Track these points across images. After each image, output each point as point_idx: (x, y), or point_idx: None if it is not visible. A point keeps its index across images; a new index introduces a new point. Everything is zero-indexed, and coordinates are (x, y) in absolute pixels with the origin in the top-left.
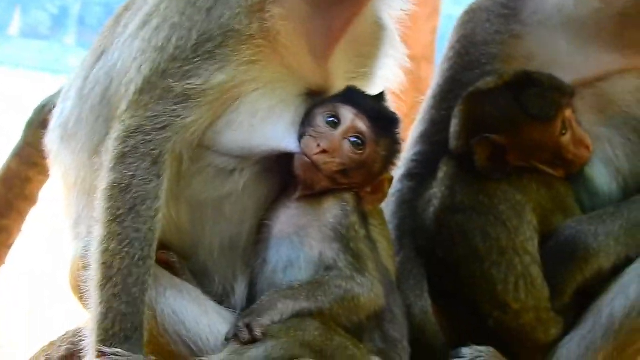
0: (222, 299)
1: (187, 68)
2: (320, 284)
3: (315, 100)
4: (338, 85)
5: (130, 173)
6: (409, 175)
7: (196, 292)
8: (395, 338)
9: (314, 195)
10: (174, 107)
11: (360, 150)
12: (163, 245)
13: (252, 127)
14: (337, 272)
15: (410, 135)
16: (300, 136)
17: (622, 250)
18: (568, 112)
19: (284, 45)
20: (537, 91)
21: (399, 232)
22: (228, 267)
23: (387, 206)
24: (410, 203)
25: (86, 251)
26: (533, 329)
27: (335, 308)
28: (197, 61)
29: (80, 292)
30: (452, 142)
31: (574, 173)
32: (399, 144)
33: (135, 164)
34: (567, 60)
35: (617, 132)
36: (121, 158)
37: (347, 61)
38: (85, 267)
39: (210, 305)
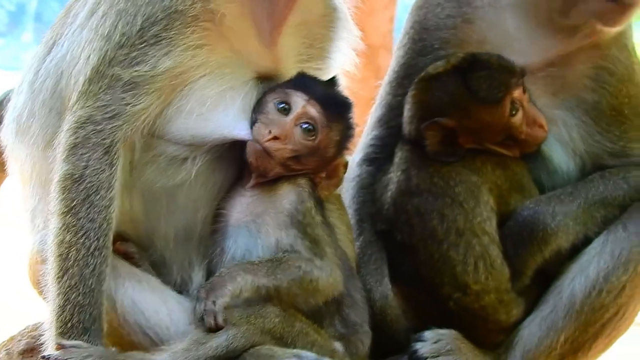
0: (181, 288)
1: (133, 54)
2: (280, 262)
3: (266, 85)
4: (289, 69)
5: (83, 164)
6: (368, 159)
7: (155, 282)
8: (356, 322)
9: (268, 182)
10: (123, 95)
11: (312, 136)
12: (121, 236)
13: (202, 115)
14: (295, 254)
15: (368, 120)
16: (252, 123)
17: (581, 230)
18: (517, 92)
19: (230, 28)
20: (485, 73)
21: (359, 217)
22: (184, 257)
23: (347, 191)
24: (368, 187)
25: (43, 244)
26: (495, 310)
27: (294, 289)
28: (143, 47)
29: (39, 286)
30: (405, 128)
31: (532, 152)
32: (352, 128)
33: (87, 155)
34: (518, 43)
35: (571, 115)
36: (73, 149)
37: (298, 44)
38: (43, 260)
39: (170, 294)
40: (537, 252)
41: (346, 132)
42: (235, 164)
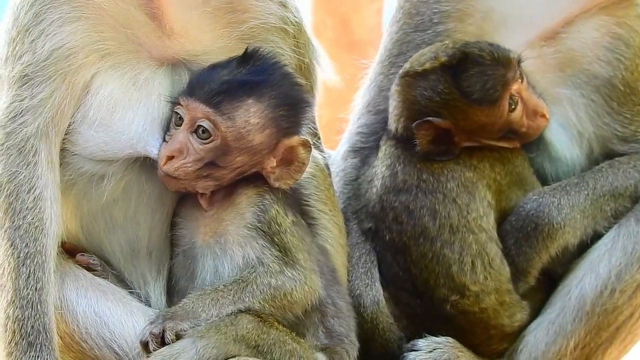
0: (146, 301)
1: (17, 48)
2: (246, 282)
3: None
4: (208, 53)
5: (0, 171)
6: (353, 150)
7: (120, 293)
8: (341, 332)
9: (226, 194)
10: (19, 92)
11: (210, 138)
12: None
13: (108, 125)
14: (263, 269)
15: (354, 107)
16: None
17: (590, 224)
18: (515, 86)
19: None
20: (477, 71)
21: (345, 216)
22: (137, 272)
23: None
24: (353, 182)
25: None
26: (496, 313)
27: (267, 306)
28: (22, 37)
29: None
30: (391, 124)
31: (533, 139)
32: (285, 100)
33: (3, 160)
34: (527, 11)
35: (578, 92)
36: None
37: (209, 18)
38: None
39: (136, 305)
40: (543, 248)
41: (274, 112)
42: None
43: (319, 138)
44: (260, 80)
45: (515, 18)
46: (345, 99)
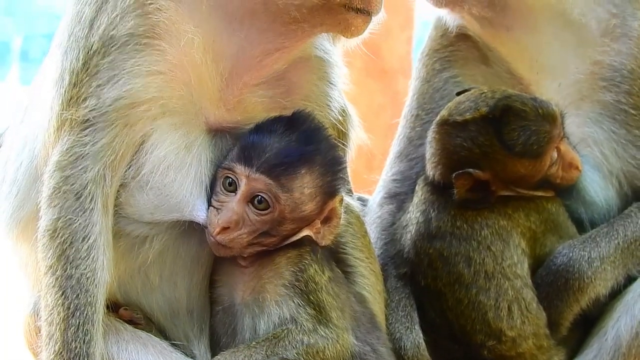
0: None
1: (82, 91)
2: (279, 338)
3: (219, 143)
4: (253, 120)
5: (55, 216)
6: (389, 197)
7: (162, 345)
8: None
9: (266, 252)
10: (81, 136)
11: (268, 209)
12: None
13: (159, 189)
14: (296, 327)
15: (389, 154)
16: (209, 204)
17: (621, 273)
18: (559, 144)
19: (192, 58)
20: (521, 125)
21: (382, 261)
22: (179, 331)
23: (370, 233)
24: (390, 228)
25: (37, 308)
26: (533, 357)
27: None
28: (89, 80)
29: (35, 354)
30: (429, 171)
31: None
32: (330, 168)
33: (60, 204)
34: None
35: (599, 128)
36: (47, 200)
37: (269, 92)
38: (37, 327)
39: (177, 357)
40: (574, 302)
41: (323, 179)
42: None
43: (350, 184)
44: (311, 151)
45: (517, 61)
46: (374, 128)
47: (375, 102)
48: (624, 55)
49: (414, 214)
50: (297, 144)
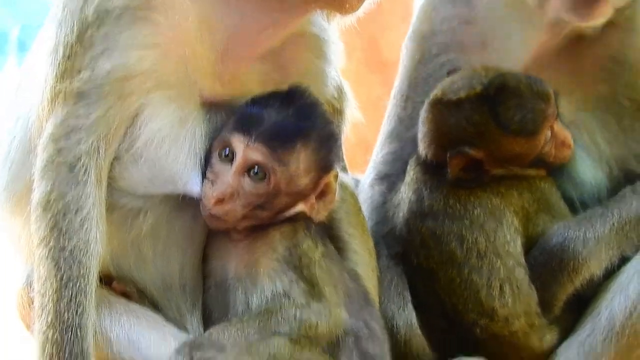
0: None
1: (76, 63)
2: (272, 313)
3: (213, 118)
4: (248, 95)
5: (49, 188)
6: (380, 178)
7: (154, 318)
8: (375, 355)
9: (260, 228)
10: (75, 108)
11: (264, 182)
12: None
13: (153, 161)
14: (289, 301)
15: (378, 135)
16: (203, 176)
17: (615, 254)
18: (553, 122)
19: (187, 32)
20: (515, 103)
21: (374, 241)
22: (171, 305)
23: None
24: (381, 207)
25: (30, 280)
26: (526, 335)
27: (294, 336)
28: (83, 52)
29: (29, 326)
30: (422, 151)
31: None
32: (326, 144)
33: (53, 176)
34: (521, 39)
35: (591, 116)
36: (41, 172)
37: (266, 68)
38: (30, 299)
39: (171, 331)
40: (568, 282)
41: (318, 154)
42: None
43: (344, 162)
44: (306, 126)
45: (512, 46)
46: (373, 120)
47: (374, 94)
48: (625, 47)
49: (406, 193)
50: (293, 118)
